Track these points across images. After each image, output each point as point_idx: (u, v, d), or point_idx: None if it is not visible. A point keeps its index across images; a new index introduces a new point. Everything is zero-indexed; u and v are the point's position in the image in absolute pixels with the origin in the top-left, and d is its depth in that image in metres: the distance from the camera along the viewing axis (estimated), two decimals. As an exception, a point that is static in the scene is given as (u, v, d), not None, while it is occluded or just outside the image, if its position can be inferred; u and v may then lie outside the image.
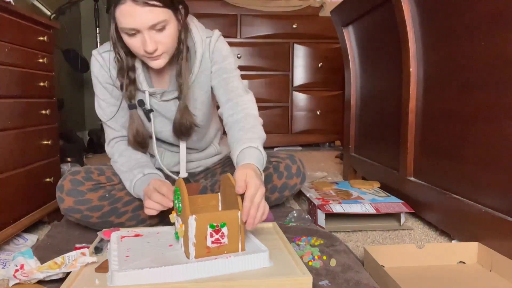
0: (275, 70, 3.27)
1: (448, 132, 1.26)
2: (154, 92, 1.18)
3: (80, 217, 1.16)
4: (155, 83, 1.21)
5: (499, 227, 1.01)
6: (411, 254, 1.04)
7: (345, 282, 0.89)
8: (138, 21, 0.98)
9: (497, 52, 1.03)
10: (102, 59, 1.18)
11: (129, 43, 1.04)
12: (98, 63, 1.18)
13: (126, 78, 1.14)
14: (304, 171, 1.38)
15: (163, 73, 1.21)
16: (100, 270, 0.86)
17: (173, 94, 1.20)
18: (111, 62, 1.17)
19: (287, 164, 1.34)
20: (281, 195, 1.37)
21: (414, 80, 1.43)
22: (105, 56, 1.17)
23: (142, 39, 1.01)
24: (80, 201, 1.14)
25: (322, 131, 3.38)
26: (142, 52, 1.04)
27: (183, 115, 1.17)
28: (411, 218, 1.48)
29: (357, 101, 2.10)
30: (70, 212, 1.15)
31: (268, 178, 1.32)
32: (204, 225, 0.85)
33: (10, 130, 1.20)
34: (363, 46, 1.98)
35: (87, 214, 1.16)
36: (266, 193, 1.25)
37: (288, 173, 1.34)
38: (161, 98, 1.20)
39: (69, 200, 1.14)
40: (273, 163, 1.35)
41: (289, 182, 1.34)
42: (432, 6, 1.32)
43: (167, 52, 1.08)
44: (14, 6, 1.21)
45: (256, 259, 0.86)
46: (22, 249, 1.16)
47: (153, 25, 0.99)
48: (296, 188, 1.38)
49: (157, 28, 1.01)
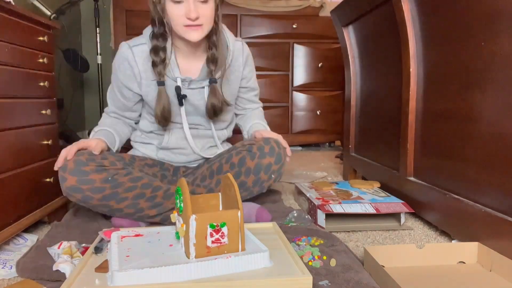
0: (275, 70, 3.28)
1: (448, 132, 1.26)
2: (184, 79, 1.32)
3: (81, 197, 1.16)
4: (183, 72, 1.34)
5: (499, 227, 1.01)
6: (411, 254, 1.04)
7: (345, 282, 0.89)
8: None
9: (497, 52, 1.03)
10: (132, 54, 1.30)
11: (172, 11, 1.17)
12: (123, 57, 1.31)
13: (157, 57, 1.27)
14: (280, 151, 1.31)
15: (193, 61, 1.33)
16: (100, 270, 0.86)
17: (200, 84, 1.34)
18: (139, 57, 1.30)
19: (260, 145, 1.31)
20: (257, 178, 1.30)
21: (414, 80, 1.43)
22: (136, 51, 1.31)
23: (186, 7, 1.15)
24: (83, 181, 1.15)
25: (322, 131, 3.38)
26: (184, 20, 1.16)
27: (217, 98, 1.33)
28: (411, 218, 1.48)
29: (357, 101, 2.10)
30: (72, 191, 1.15)
31: (242, 161, 1.29)
32: (204, 225, 0.85)
33: (10, 130, 1.19)
34: (363, 46, 1.98)
35: (88, 195, 1.16)
36: (242, 177, 1.31)
37: (260, 153, 1.29)
38: (189, 86, 1.34)
39: (71, 179, 1.14)
40: (247, 146, 1.33)
41: (262, 161, 1.28)
42: (432, 6, 1.32)
43: (205, 25, 1.21)
44: (14, 6, 1.21)
45: (256, 259, 0.86)
46: (23, 249, 1.16)
47: None
48: (272, 170, 1.30)
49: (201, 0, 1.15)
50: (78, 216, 1.37)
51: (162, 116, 1.31)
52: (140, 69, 1.31)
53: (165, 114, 1.31)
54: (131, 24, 3.12)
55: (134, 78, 1.33)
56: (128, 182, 1.21)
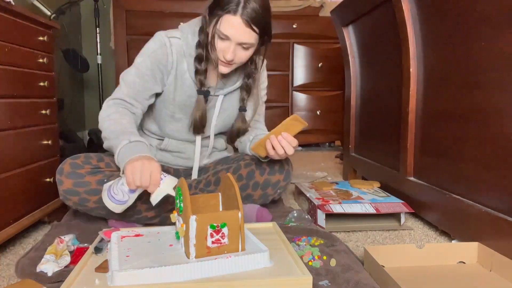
0: (275, 70, 3.27)
1: (448, 132, 1.26)
2: (209, 87, 1.32)
3: (77, 200, 1.17)
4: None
5: (499, 227, 1.01)
6: (411, 254, 1.04)
7: (345, 282, 0.89)
8: (236, 35, 1.15)
9: (497, 52, 1.03)
10: (169, 42, 1.27)
11: (215, 43, 1.19)
12: (161, 43, 1.26)
13: (201, 65, 1.26)
14: (289, 168, 1.37)
15: (214, 71, 1.31)
16: (100, 270, 0.86)
17: (217, 91, 1.34)
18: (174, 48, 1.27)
19: (270, 160, 1.33)
20: (264, 193, 1.35)
21: (414, 80, 1.43)
22: (173, 41, 1.27)
23: (227, 47, 1.18)
24: (79, 183, 1.16)
25: (322, 131, 3.38)
26: (220, 56, 1.20)
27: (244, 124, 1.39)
28: (411, 218, 1.48)
29: (357, 101, 2.10)
30: (69, 194, 1.16)
31: (251, 175, 1.33)
32: (205, 226, 0.85)
33: (10, 130, 1.19)
34: (363, 46, 1.98)
35: (85, 197, 1.17)
36: (248, 190, 1.33)
37: (270, 170, 1.34)
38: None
39: (68, 182, 1.15)
40: (256, 159, 1.35)
41: (271, 178, 1.34)
42: (432, 6, 1.32)
43: (237, 65, 1.25)
44: (14, 6, 1.21)
45: (256, 259, 0.86)
46: None
47: (243, 43, 1.17)
48: (280, 186, 1.36)
49: (244, 46, 1.18)
50: (78, 216, 1.37)
51: (200, 124, 1.31)
52: (174, 59, 1.28)
53: (203, 122, 1.32)
54: (131, 24, 3.12)
55: (165, 67, 1.28)
56: None
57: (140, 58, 1.28)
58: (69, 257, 1.00)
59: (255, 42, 1.19)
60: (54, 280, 0.92)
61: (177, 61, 1.28)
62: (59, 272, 0.94)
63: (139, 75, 1.26)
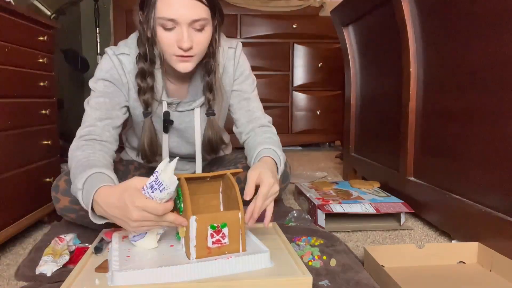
0: (275, 70, 3.27)
1: (448, 132, 1.26)
2: (172, 102, 1.15)
3: (75, 217, 1.16)
4: (171, 93, 1.18)
5: (499, 227, 1.01)
6: (411, 254, 1.04)
7: (345, 282, 0.89)
8: (181, 13, 0.94)
9: (497, 52, 1.03)
10: (118, 61, 1.10)
11: (162, 38, 0.99)
12: (112, 63, 1.11)
13: (144, 83, 1.09)
14: (288, 171, 1.34)
15: (181, 82, 1.17)
16: (100, 270, 0.86)
17: (189, 105, 1.18)
18: (126, 66, 1.10)
19: None
20: None
21: (414, 80, 1.43)
22: (122, 59, 1.10)
23: (179, 35, 0.97)
24: (75, 201, 1.09)
25: (322, 131, 3.38)
26: (174, 50, 0.99)
27: (214, 131, 1.18)
28: (411, 218, 1.48)
29: (357, 101, 2.10)
30: (66, 212, 1.15)
31: None
32: (205, 226, 0.85)
33: (10, 130, 1.19)
34: (363, 46, 1.98)
35: (83, 214, 1.13)
36: None
37: None
38: (176, 108, 1.18)
39: (64, 200, 1.13)
40: None
41: None
42: (432, 6, 1.32)
43: (198, 56, 1.04)
44: (14, 6, 1.21)
45: (257, 259, 0.86)
46: None
47: (194, 20, 0.96)
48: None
49: (197, 27, 0.98)
50: (78, 216, 1.37)
51: (149, 149, 1.14)
52: (129, 79, 1.12)
53: (153, 148, 1.15)
54: (131, 24, 3.11)
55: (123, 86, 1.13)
56: None
57: (95, 80, 1.12)
58: (68, 256, 1.00)
59: (208, 17, 0.99)
60: (54, 280, 0.92)
61: (132, 81, 1.12)
62: (58, 272, 0.95)
63: (102, 94, 1.10)
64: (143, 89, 1.09)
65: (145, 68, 1.07)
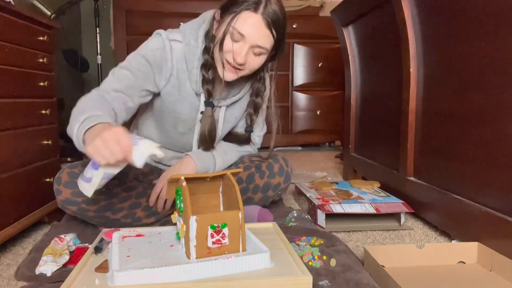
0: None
1: (448, 132, 1.26)
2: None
3: (76, 209, 1.15)
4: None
5: (499, 227, 1.01)
6: (411, 254, 1.04)
7: (345, 282, 0.89)
8: (253, 34, 1.04)
9: (497, 52, 1.03)
10: (169, 46, 1.15)
11: (226, 43, 1.07)
12: (163, 44, 1.14)
13: (207, 74, 1.16)
14: (288, 170, 1.35)
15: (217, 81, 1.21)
16: (100, 270, 0.86)
17: (219, 103, 1.25)
18: (176, 53, 1.15)
19: (269, 163, 1.33)
20: (265, 195, 1.34)
21: (414, 80, 1.43)
22: (173, 45, 1.15)
23: (239, 48, 1.06)
24: (77, 193, 1.12)
25: (322, 131, 3.38)
26: (230, 58, 1.07)
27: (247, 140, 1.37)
28: (411, 218, 1.48)
29: (357, 101, 2.10)
30: (67, 204, 1.15)
31: (250, 178, 1.31)
32: (205, 226, 0.85)
33: (10, 130, 1.19)
34: (363, 46, 1.98)
35: (84, 207, 1.15)
36: (249, 193, 1.31)
37: (270, 172, 1.32)
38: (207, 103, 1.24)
39: (66, 192, 1.13)
40: (255, 162, 1.33)
41: (271, 181, 1.32)
42: (432, 6, 1.32)
43: (244, 72, 1.13)
44: (14, 6, 1.21)
45: (257, 259, 0.86)
46: None
47: (258, 46, 1.06)
48: (280, 188, 1.35)
49: (256, 52, 1.08)
50: (78, 216, 1.37)
51: (210, 137, 1.22)
52: (174, 65, 1.16)
53: (213, 135, 1.22)
54: (131, 24, 3.11)
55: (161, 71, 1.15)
56: (122, 192, 1.20)
57: (135, 54, 1.15)
58: (68, 256, 1.00)
59: (270, 48, 1.10)
60: (54, 280, 0.92)
61: (178, 68, 1.17)
62: (58, 272, 0.95)
63: (131, 69, 1.13)
64: (207, 79, 1.16)
65: (209, 61, 1.14)
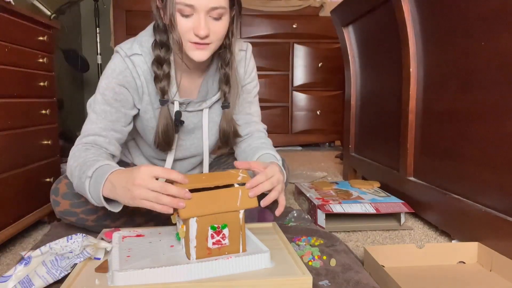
0: (275, 70, 3.27)
1: (448, 132, 1.26)
2: (183, 102, 1.13)
3: (75, 220, 1.14)
4: (182, 90, 1.15)
5: (499, 227, 1.01)
6: (411, 254, 1.04)
7: (345, 282, 0.89)
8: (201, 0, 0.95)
9: (497, 52, 1.03)
10: (131, 64, 1.08)
11: (179, 22, 0.98)
12: (125, 65, 1.08)
13: (161, 70, 1.06)
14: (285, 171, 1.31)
15: (193, 78, 1.15)
16: (100, 270, 0.86)
17: (199, 105, 1.16)
18: (139, 68, 1.08)
19: None
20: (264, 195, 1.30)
21: (414, 80, 1.43)
22: (134, 60, 1.08)
23: (196, 22, 0.97)
24: (76, 204, 1.11)
25: (322, 131, 3.39)
26: (190, 36, 0.99)
27: (229, 124, 1.16)
28: (411, 218, 1.48)
29: (357, 101, 2.10)
30: (66, 215, 1.13)
31: None
32: (205, 227, 0.85)
33: (10, 130, 1.20)
34: (363, 46, 1.98)
35: (83, 217, 1.14)
36: None
37: None
38: (186, 108, 1.15)
39: (65, 203, 1.11)
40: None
41: None
42: (432, 6, 1.32)
43: (214, 45, 1.03)
44: (14, 6, 1.21)
45: (257, 259, 0.86)
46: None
47: (213, 8, 0.96)
48: None
49: (214, 15, 0.98)
50: (78, 216, 1.37)
51: (163, 138, 1.11)
52: (142, 81, 1.10)
53: (168, 136, 1.11)
54: (131, 24, 3.12)
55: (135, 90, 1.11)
56: None
57: (107, 84, 1.09)
58: None
59: (226, 6, 0.99)
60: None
61: (146, 83, 1.09)
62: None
63: (109, 102, 1.08)
64: (159, 76, 1.06)
65: (161, 55, 1.06)
